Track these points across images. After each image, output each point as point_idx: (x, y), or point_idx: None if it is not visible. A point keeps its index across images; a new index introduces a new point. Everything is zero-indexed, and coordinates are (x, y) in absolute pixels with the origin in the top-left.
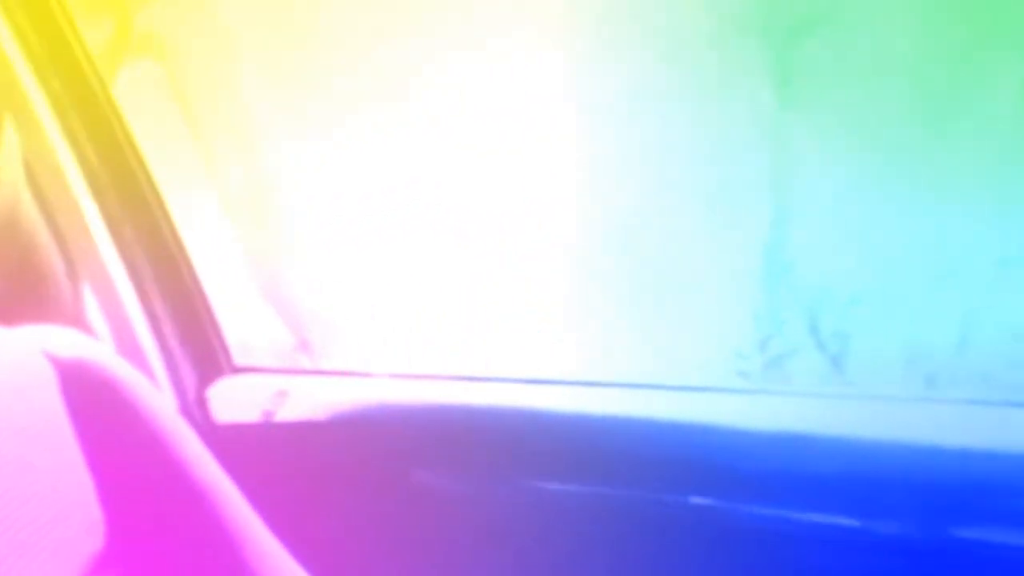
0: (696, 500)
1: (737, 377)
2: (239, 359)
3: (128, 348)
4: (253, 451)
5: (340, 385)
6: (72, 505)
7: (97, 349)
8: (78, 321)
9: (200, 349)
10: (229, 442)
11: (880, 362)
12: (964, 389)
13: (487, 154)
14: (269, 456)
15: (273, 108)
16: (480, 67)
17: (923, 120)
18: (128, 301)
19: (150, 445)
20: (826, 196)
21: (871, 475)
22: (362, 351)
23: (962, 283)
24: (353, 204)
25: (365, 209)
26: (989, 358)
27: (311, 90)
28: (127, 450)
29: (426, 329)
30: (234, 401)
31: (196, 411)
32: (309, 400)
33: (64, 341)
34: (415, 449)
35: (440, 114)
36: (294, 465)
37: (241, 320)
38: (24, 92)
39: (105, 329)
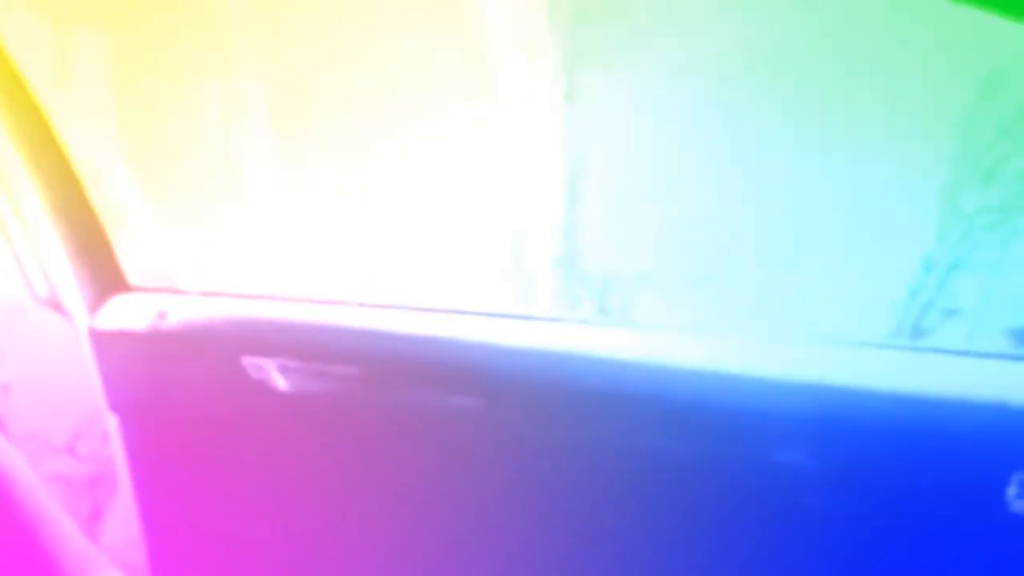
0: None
1: None
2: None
3: (33, 269)
4: (138, 359)
5: (216, 304)
6: None
7: None
8: None
9: (96, 270)
10: (117, 350)
11: None
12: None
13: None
14: (151, 363)
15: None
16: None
17: (711, 105)
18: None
19: None
20: (616, 179)
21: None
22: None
23: (754, 264)
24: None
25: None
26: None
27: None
28: None
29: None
30: (124, 315)
31: (90, 323)
32: (188, 316)
33: None
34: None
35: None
36: (173, 372)
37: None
38: None
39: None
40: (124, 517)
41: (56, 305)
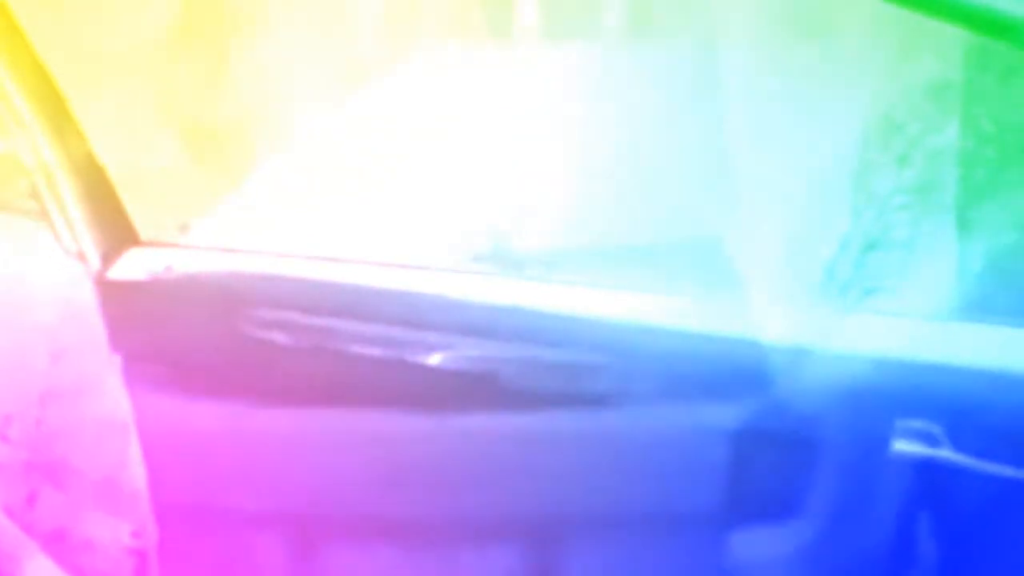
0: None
1: None
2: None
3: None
4: (146, 308)
5: (220, 258)
6: None
7: None
8: None
9: (108, 225)
10: (127, 301)
11: None
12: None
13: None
14: (156, 313)
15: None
16: None
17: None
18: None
19: None
20: (556, 156)
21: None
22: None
23: (669, 247)
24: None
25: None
26: None
27: None
28: None
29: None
30: (132, 267)
31: (103, 275)
32: (191, 269)
33: None
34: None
35: None
36: (177, 320)
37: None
38: None
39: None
40: (59, 502)
41: (82, 257)
